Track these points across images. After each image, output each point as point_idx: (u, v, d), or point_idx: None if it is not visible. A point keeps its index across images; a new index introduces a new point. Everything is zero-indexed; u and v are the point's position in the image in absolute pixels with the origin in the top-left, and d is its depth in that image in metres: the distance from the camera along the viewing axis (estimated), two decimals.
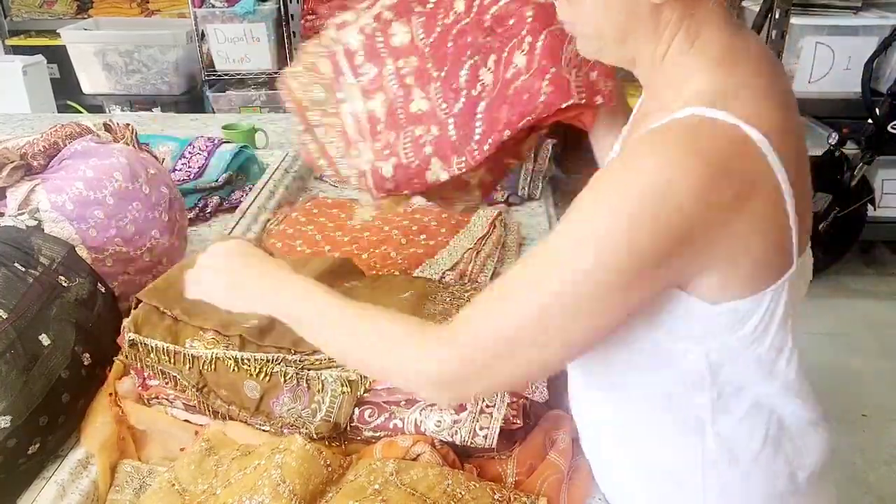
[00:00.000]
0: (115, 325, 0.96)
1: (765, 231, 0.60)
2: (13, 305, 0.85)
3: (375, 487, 0.78)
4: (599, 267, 0.58)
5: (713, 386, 0.68)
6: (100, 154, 1.13)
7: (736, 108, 0.59)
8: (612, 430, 0.79)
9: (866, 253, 3.26)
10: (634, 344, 0.68)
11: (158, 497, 0.81)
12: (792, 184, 0.60)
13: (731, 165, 0.57)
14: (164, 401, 0.94)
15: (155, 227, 1.15)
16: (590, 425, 0.83)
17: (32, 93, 2.98)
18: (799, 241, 0.63)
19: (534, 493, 0.81)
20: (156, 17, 3.52)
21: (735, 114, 0.58)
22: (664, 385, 0.70)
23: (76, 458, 0.87)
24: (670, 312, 0.64)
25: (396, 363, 0.70)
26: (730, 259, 0.60)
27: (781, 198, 0.59)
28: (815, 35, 2.82)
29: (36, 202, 1.06)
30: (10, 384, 0.82)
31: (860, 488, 2.10)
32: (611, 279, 0.58)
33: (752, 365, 0.67)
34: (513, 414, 0.85)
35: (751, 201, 0.58)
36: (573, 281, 0.59)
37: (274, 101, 3.17)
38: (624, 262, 0.57)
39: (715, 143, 0.57)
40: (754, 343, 0.66)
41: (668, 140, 0.58)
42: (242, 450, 0.85)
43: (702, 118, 0.59)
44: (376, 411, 0.88)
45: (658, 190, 0.55)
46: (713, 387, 0.68)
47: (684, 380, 0.69)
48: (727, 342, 0.65)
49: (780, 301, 0.64)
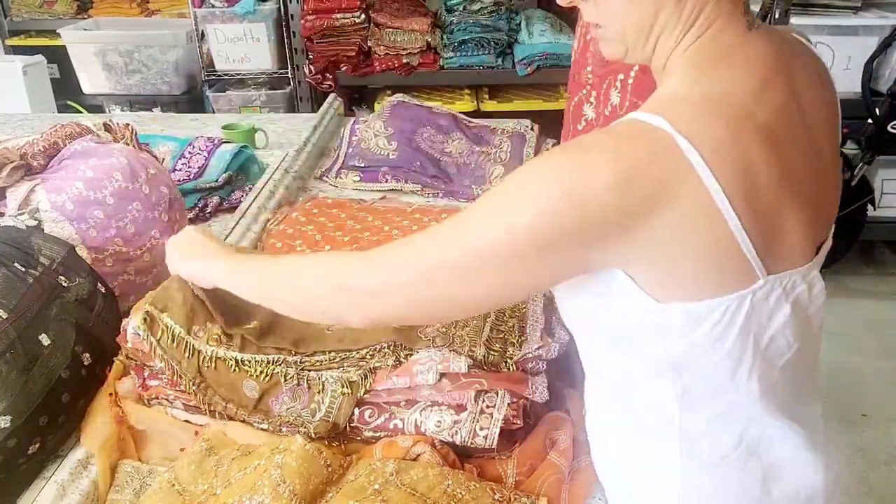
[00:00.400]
0: (115, 325, 0.96)
1: (696, 237, 0.60)
2: (13, 305, 0.85)
3: (375, 487, 0.78)
4: (501, 237, 0.62)
5: (677, 380, 0.69)
6: (100, 154, 1.13)
7: (675, 115, 0.60)
8: (617, 428, 0.79)
9: (866, 253, 3.26)
10: (610, 334, 0.71)
11: (158, 497, 0.81)
12: (747, 196, 0.59)
13: (646, 170, 0.58)
14: (164, 401, 0.94)
15: (155, 227, 1.15)
16: (598, 425, 0.83)
17: (32, 93, 2.98)
18: (766, 255, 0.62)
19: (534, 494, 0.81)
20: (156, 17, 3.51)
21: (670, 121, 0.59)
22: (633, 372, 0.72)
23: (76, 458, 0.87)
24: (626, 304, 0.66)
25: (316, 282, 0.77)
26: (656, 260, 0.62)
27: (715, 208, 0.59)
28: (815, 35, 2.81)
29: (36, 202, 1.06)
30: (10, 384, 0.82)
31: (860, 488, 2.10)
32: (508, 250, 0.62)
33: (713, 369, 0.68)
34: (513, 414, 0.85)
35: (668, 206, 0.58)
36: (473, 244, 0.64)
37: (274, 102, 3.17)
38: (523, 238, 0.61)
39: (633, 146, 0.59)
40: (711, 348, 0.66)
41: (595, 139, 0.61)
42: (242, 450, 0.85)
43: (635, 121, 0.61)
44: (376, 411, 0.88)
45: (571, 184, 0.58)
46: (677, 381, 0.69)
47: (647, 368, 0.70)
48: (684, 341, 0.66)
49: (741, 312, 0.64)
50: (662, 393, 0.70)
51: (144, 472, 0.88)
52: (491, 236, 0.63)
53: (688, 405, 0.70)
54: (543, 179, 0.60)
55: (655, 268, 0.63)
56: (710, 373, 0.68)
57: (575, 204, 0.58)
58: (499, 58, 2.98)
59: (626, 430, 0.77)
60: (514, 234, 0.61)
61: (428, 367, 0.86)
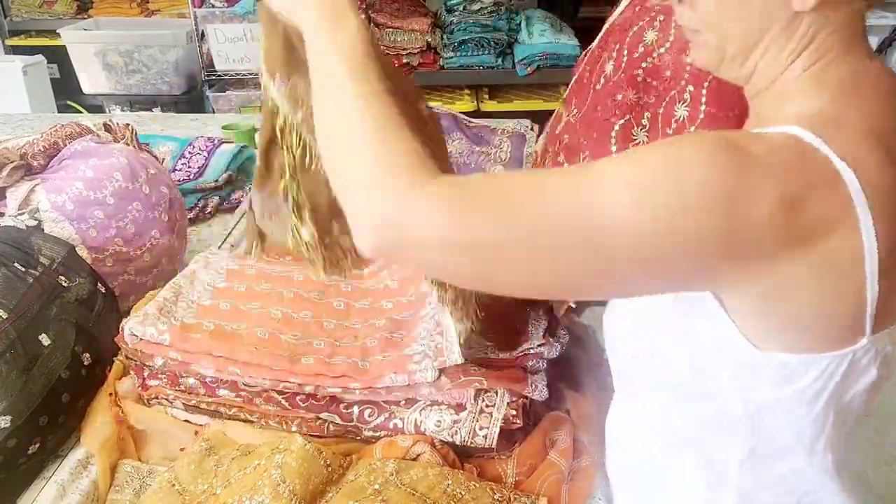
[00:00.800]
0: (115, 325, 0.96)
1: (828, 282, 0.53)
2: (13, 305, 0.85)
3: (375, 487, 0.78)
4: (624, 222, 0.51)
5: (748, 438, 0.63)
6: (100, 154, 1.13)
7: (836, 142, 0.53)
8: (655, 476, 0.72)
9: None
10: (680, 366, 0.64)
11: (158, 497, 0.81)
12: (882, 248, 0.53)
13: (807, 196, 0.51)
14: (164, 401, 0.94)
15: (155, 227, 1.15)
16: (628, 468, 0.77)
17: (32, 93, 2.98)
18: (879, 313, 0.55)
19: (534, 493, 0.81)
20: (156, 17, 3.51)
21: (833, 147, 0.52)
22: (701, 420, 0.65)
23: (76, 458, 0.87)
24: (714, 343, 0.60)
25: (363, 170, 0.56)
26: (774, 299, 0.54)
27: (861, 252, 0.53)
28: None
29: (36, 202, 1.06)
30: (10, 384, 0.82)
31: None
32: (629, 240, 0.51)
33: (792, 431, 0.62)
34: (513, 414, 0.85)
35: (819, 242, 0.52)
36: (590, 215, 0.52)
37: None
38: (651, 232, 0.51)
39: (804, 170, 0.52)
40: (798, 409, 0.60)
41: (761, 148, 0.53)
42: (242, 450, 0.85)
43: (794, 138, 0.53)
44: (376, 411, 0.88)
45: (734, 189, 0.50)
46: (747, 439, 0.63)
47: (715, 418, 0.63)
48: (770, 397, 0.60)
49: (838, 373, 0.57)
50: (725, 449, 0.64)
51: (144, 472, 0.88)
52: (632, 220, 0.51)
53: (751, 466, 0.63)
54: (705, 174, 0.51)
55: (768, 308, 0.56)
56: (788, 435, 0.62)
57: (733, 210, 0.50)
58: (499, 58, 2.98)
59: (669, 482, 0.70)
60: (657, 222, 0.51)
61: (425, 367, 0.86)
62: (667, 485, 0.70)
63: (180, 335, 0.92)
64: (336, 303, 1.05)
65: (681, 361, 0.64)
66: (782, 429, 0.62)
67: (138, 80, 3.23)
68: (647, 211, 0.51)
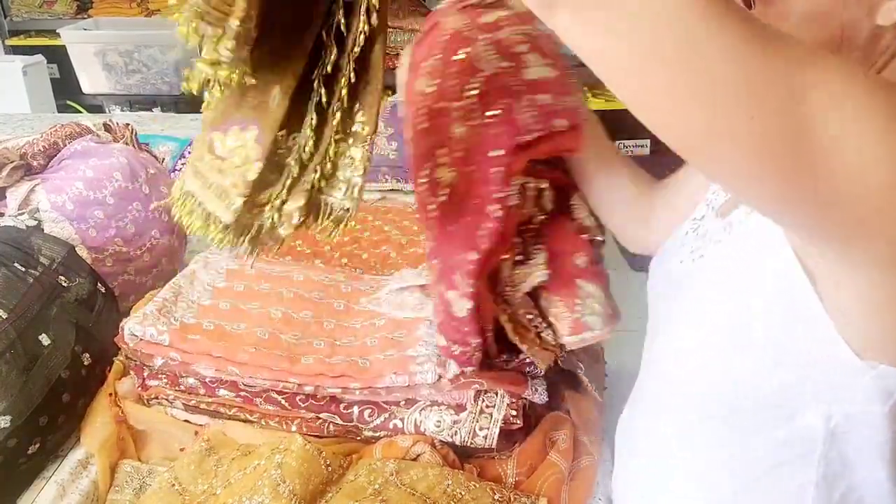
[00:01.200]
0: (115, 325, 0.96)
1: None
2: (13, 305, 0.85)
3: (375, 487, 0.78)
4: None
5: (822, 461, 0.58)
6: (100, 154, 1.13)
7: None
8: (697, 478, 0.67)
9: None
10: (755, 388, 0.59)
11: (158, 497, 0.81)
12: None
13: None
14: (164, 401, 0.94)
15: (155, 227, 1.15)
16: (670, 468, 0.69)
17: (32, 93, 2.98)
18: None
19: (534, 494, 0.81)
20: (156, 17, 3.51)
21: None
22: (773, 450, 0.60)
23: (76, 458, 0.87)
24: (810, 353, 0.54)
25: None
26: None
27: None
28: None
29: (36, 202, 1.06)
30: (10, 384, 0.82)
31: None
32: None
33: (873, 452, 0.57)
34: (513, 414, 0.85)
35: None
36: None
37: None
38: None
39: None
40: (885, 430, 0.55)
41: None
42: (242, 450, 0.85)
43: None
44: (376, 411, 0.88)
45: None
46: (821, 463, 0.58)
47: (794, 446, 0.59)
48: (858, 410, 0.55)
49: None
50: (793, 479, 0.59)
51: (144, 472, 0.88)
52: None
53: (826, 487, 0.59)
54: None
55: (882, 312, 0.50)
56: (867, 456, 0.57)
57: None
58: None
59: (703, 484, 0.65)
60: None
61: (427, 369, 0.86)
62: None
63: (180, 335, 0.92)
64: (336, 303, 1.05)
65: (757, 380, 0.59)
66: (862, 449, 0.57)
67: (138, 80, 3.23)
68: None
